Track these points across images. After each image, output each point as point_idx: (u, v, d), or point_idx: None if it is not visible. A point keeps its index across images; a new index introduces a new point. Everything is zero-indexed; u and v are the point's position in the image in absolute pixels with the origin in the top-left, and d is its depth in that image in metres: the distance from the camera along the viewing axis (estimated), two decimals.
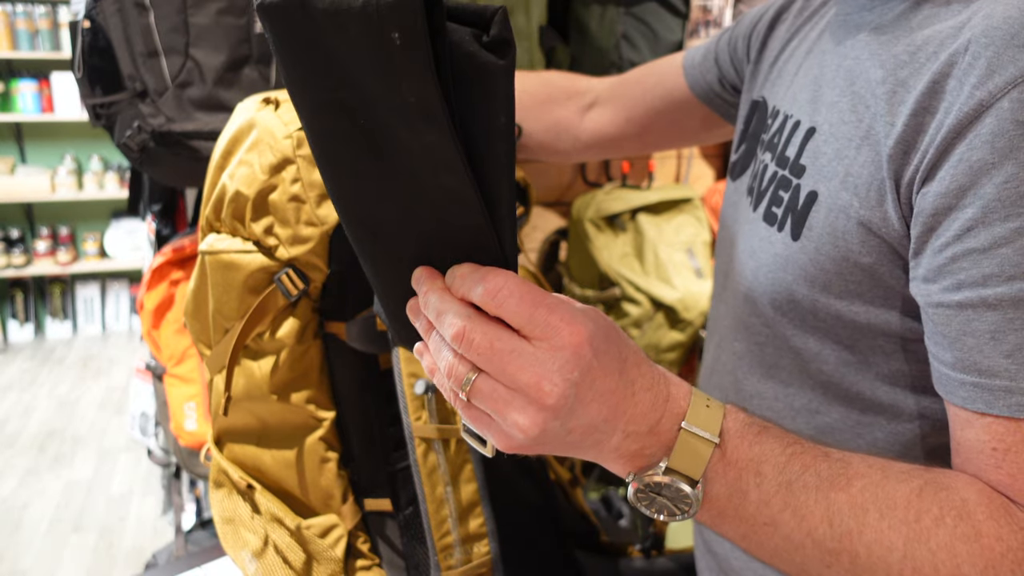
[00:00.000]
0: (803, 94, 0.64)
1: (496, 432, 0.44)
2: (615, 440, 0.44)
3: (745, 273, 0.66)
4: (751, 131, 0.75)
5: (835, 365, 0.60)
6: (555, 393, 0.41)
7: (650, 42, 1.44)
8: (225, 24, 1.13)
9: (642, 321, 1.48)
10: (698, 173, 1.77)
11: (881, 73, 0.53)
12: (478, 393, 0.42)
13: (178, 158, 1.15)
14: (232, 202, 0.71)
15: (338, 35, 0.37)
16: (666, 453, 0.45)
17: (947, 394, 0.49)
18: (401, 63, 0.36)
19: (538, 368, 0.40)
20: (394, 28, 0.35)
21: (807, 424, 0.63)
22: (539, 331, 0.41)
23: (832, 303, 0.57)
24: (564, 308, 0.42)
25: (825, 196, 0.56)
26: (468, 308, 0.42)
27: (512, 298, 0.41)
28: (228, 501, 0.79)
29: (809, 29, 0.70)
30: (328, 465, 0.75)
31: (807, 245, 0.57)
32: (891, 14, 0.56)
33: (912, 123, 0.49)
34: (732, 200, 0.75)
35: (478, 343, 0.41)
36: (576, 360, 0.41)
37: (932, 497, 0.46)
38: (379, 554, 0.78)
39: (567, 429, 0.43)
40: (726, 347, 0.72)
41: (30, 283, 4.17)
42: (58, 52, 3.71)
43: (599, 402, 0.43)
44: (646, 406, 0.45)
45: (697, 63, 0.89)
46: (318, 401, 0.75)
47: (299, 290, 0.70)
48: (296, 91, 0.42)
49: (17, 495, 2.74)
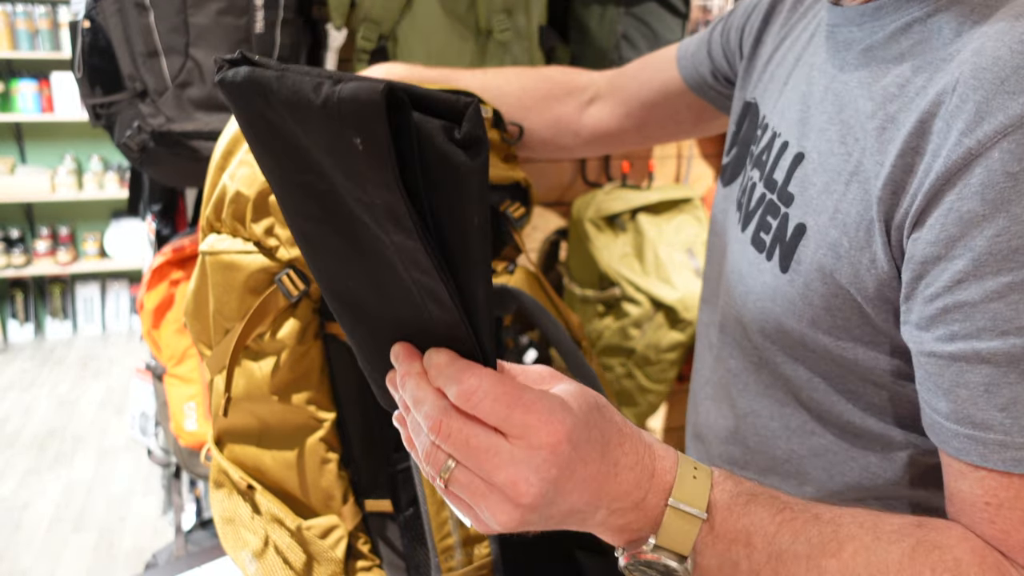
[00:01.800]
0: (791, 112, 0.63)
1: (474, 518, 0.44)
2: (600, 516, 0.44)
3: (735, 296, 0.65)
4: (743, 135, 0.74)
5: (824, 394, 0.60)
6: (531, 493, 0.40)
7: (650, 42, 1.44)
8: (225, 24, 1.13)
9: (642, 321, 1.48)
10: (698, 173, 1.77)
11: (871, 106, 0.52)
12: (456, 482, 0.42)
13: (178, 158, 1.15)
14: (233, 203, 0.71)
15: (300, 126, 0.35)
16: (653, 529, 0.45)
17: (941, 443, 0.49)
18: (364, 168, 0.34)
19: (514, 468, 0.40)
20: (355, 133, 0.33)
21: (801, 444, 0.63)
22: (516, 431, 0.40)
23: (820, 337, 0.56)
24: (541, 406, 0.41)
25: (814, 231, 0.56)
26: (444, 400, 0.41)
27: (487, 399, 0.40)
28: (228, 501, 0.79)
29: (801, 30, 0.68)
30: (329, 466, 0.75)
31: (795, 279, 0.57)
32: (881, 34, 0.54)
33: (900, 164, 0.48)
34: (722, 207, 0.74)
35: (454, 438, 0.40)
36: (554, 459, 0.40)
37: (924, 558, 0.45)
38: (379, 555, 0.78)
39: (547, 516, 0.43)
40: (717, 360, 0.71)
41: (30, 283, 4.17)
42: (58, 52, 3.71)
43: (580, 490, 0.43)
44: (630, 484, 0.44)
45: (690, 55, 0.88)
46: (319, 402, 0.75)
47: (300, 291, 0.70)
48: (264, 167, 0.41)
49: (17, 495, 2.74)
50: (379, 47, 1.31)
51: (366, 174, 0.34)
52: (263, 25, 1.16)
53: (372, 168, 0.34)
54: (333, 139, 0.34)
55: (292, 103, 0.34)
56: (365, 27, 1.29)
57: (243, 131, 0.39)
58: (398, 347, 0.44)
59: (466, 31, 1.31)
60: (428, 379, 0.42)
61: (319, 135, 0.35)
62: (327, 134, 0.34)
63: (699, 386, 0.77)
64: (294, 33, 1.22)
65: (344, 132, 0.33)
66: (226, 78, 0.36)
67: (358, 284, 0.43)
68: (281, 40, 1.19)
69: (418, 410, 0.42)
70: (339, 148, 0.34)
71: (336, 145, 0.34)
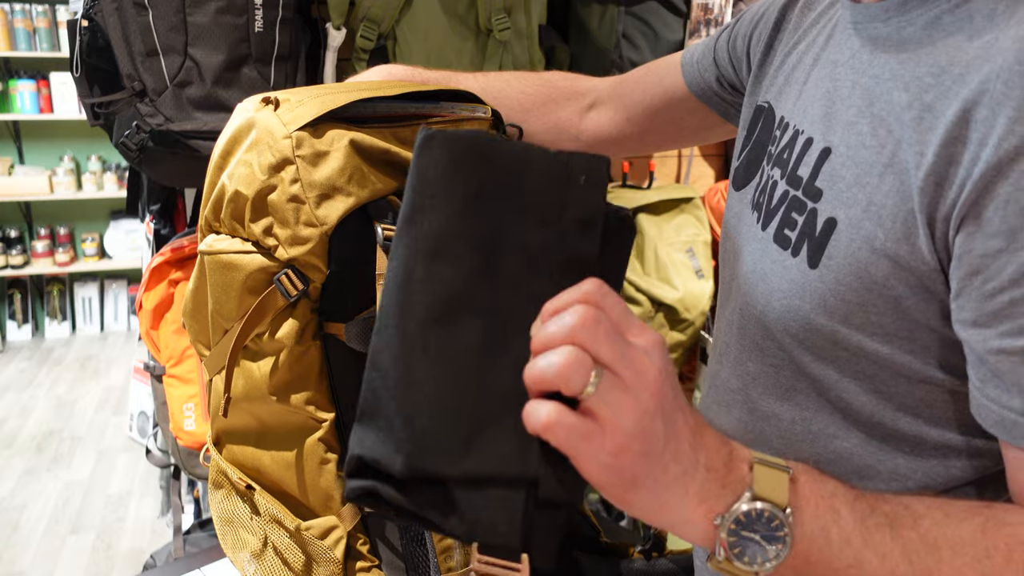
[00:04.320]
0: (814, 108, 0.62)
1: (586, 451, 0.40)
2: (699, 478, 0.43)
3: (756, 295, 0.64)
4: (756, 138, 0.73)
5: (854, 394, 0.58)
6: (657, 384, 0.40)
7: (650, 41, 1.44)
8: (224, 23, 1.13)
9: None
10: (698, 173, 1.77)
11: (906, 97, 0.52)
12: (601, 389, 0.39)
13: (176, 158, 1.15)
14: (231, 202, 0.70)
15: (517, 179, 0.45)
16: (748, 485, 0.44)
17: (1014, 438, 0.48)
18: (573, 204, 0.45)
19: (647, 359, 0.40)
20: (580, 172, 0.46)
21: (825, 449, 0.62)
22: (640, 340, 0.41)
23: (852, 335, 0.56)
24: (652, 334, 0.43)
25: (846, 224, 0.55)
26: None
27: (619, 306, 0.41)
28: (227, 502, 0.79)
29: (817, 33, 0.68)
30: (328, 466, 0.75)
31: (826, 275, 0.56)
32: (909, 28, 0.54)
33: (943, 153, 0.48)
34: (736, 211, 0.73)
35: (604, 325, 0.39)
36: (668, 375, 0.41)
37: (996, 532, 0.45)
38: (379, 556, 0.77)
39: (665, 437, 0.41)
40: (735, 364, 0.69)
41: (28, 283, 4.17)
42: (56, 51, 3.70)
43: (682, 418, 0.42)
44: (716, 442, 0.44)
45: (695, 62, 0.88)
46: (318, 402, 0.74)
47: (299, 291, 0.70)
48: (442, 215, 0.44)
49: (15, 496, 2.73)
50: (378, 46, 1.31)
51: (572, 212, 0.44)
52: (262, 24, 1.16)
53: (586, 200, 0.45)
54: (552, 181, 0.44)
55: (515, 158, 0.44)
56: (364, 26, 1.29)
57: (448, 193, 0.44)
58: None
59: (466, 30, 1.31)
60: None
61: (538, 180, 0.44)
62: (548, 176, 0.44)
63: (710, 396, 0.76)
64: (293, 32, 1.22)
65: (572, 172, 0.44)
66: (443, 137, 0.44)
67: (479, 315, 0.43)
68: (280, 39, 1.19)
69: (565, 317, 0.39)
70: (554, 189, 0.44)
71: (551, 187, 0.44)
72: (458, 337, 0.42)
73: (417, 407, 0.41)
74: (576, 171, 0.45)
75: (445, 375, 0.41)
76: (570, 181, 0.44)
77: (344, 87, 0.78)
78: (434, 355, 0.41)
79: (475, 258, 0.43)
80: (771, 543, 0.44)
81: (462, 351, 0.42)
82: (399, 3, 1.28)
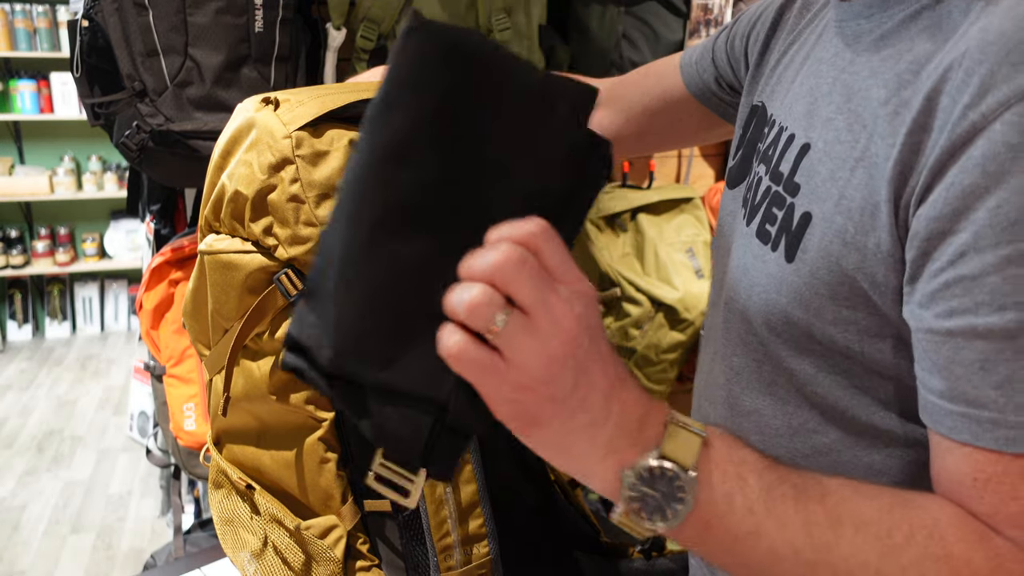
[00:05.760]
0: (799, 106, 0.63)
1: (491, 383, 0.40)
2: (609, 430, 0.43)
3: (739, 290, 0.65)
4: (749, 137, 0.73)
5: (830, 388, 0.59)
6: (571, 328, 0.40)
7: (650, 41, 1.44)
8: (224, 23, 1.13)
9: (642, 321, 1.48)
10: (698, 173, 1.77)
11: (884, 93, 0.52)
12: (509, 324, 0.39)
13: (176, 158, 1.15)
14: (231, 202, 0.70)
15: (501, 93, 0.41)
16: (656, 445, 0.44)
17: (933, 423, 0.48)
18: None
19: (566, 304, 0.40)
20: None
21: (804, 443, 0.62)
22: (568, 280, 0.41)
23: (826, 328, 0.56)
24: (586, 284, 0.42)
25: (819, 219, 0.55)
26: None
27: (553, 242, 0.40)
28: (227, 502, 0.79)
29: (809, 33, 0.68)
30: (327, 466, 0.75)
31: (802, 268, 0.56)
32: (890, 23, 0.55)
33: (909, 142, 0.48)
34: (729, 209, 0.74)
35: (528, 260, 0.39)
36: (592, 315, 0.41)
37: (902, 513, 0.46)
38: (378, 555, 0.77)
39: (575, 385, 0.41)
40: (722, 360, 0.70)
41: (29, 283, 4.17)
42: (57, 51, 3.70)
43: (600, 369, 0.42)
44: (635, 397, 0.44)
45: (694, 62, 0.88)
46: (317, 402, 0.75)
47: (298, 290, 0.70)
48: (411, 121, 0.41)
49: (15, 495, 2.73)
50: (379, 46, 1.31)
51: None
52: (262, 24, 1.16)
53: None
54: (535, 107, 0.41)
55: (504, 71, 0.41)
56: (365, 26, 1.29)
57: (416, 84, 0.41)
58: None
59: None
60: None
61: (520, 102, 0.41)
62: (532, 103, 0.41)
63: (700, 393, 0.77)
64: (293, 32, 1.22)
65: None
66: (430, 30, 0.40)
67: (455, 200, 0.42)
68: (280, 39, 1.19)
69: (490, 253, 0.39)
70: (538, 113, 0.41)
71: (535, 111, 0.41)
72: (406, 248, 0.41)
73: (350, 306, 0.41)
74: (562, 98, 0.41)
75: (384, 284, 0.41)
76: (554, 109, 0.41)
77: (344, 87, 0.78)
78: (376, 261, 0.41)
79: (437, 170, 0.41)
80: (671, 503, 0.44)
81: (405, 263, 0.41)
82: (399, 3, 1.28)
